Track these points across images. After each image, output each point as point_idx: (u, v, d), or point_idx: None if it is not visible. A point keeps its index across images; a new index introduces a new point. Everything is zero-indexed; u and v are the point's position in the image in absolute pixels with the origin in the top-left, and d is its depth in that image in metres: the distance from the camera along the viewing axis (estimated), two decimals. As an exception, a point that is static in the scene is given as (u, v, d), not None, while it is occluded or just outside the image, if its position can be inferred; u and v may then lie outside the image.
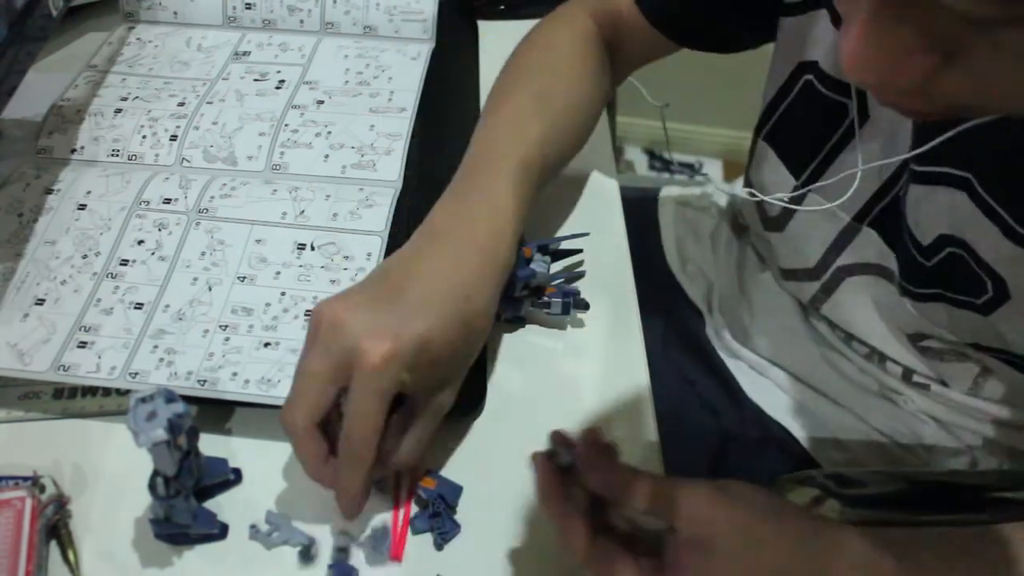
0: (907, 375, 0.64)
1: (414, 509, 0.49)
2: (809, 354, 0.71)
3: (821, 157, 0.60)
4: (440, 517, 0.48)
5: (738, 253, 0.80)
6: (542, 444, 0.52)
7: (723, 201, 0.86)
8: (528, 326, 0.58)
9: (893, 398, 0.67)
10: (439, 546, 0.47)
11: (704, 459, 0.70)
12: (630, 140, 1.96)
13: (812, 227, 0.63)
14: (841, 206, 0.58)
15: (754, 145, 0.68)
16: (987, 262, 0.50)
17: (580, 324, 0.58)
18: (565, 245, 0.59)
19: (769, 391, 0.73)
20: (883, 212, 0.59)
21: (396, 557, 0.47)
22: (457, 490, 0.49)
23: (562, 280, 0.58)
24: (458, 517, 0.48)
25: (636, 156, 1.98)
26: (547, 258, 0.57)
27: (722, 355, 0.77)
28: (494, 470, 0.51)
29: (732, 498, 0.41)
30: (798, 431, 0.71)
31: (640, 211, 0.88)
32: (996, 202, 0.48)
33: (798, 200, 0.61)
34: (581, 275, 0.60)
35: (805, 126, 0.61)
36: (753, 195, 0.62)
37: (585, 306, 0.57)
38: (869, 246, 0.60)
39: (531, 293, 0.56)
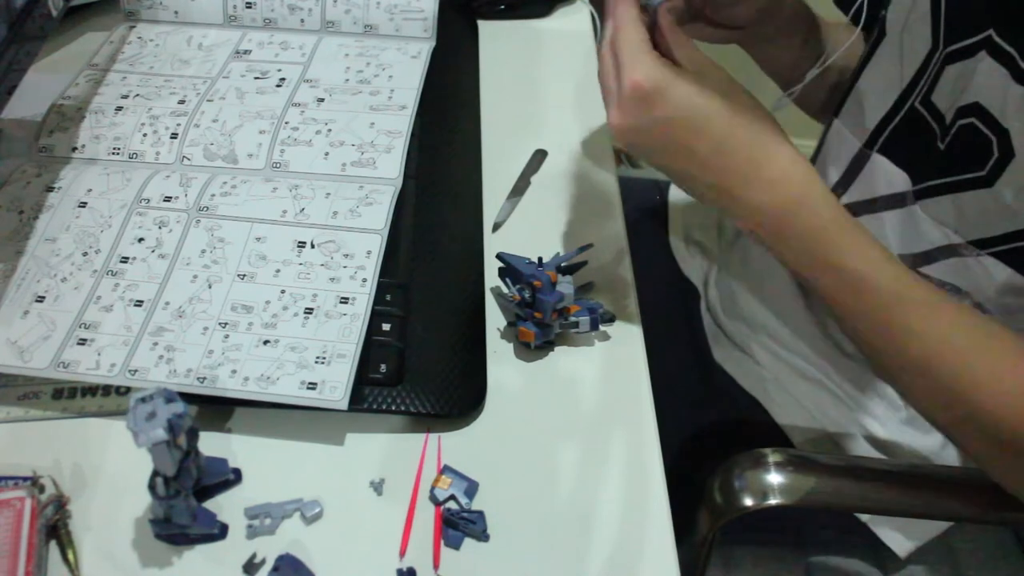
0: None
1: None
2: (800, 323, 0.72)
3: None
4: (463, 521, 0.48)
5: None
6: (542, 444, 0.52)
7: None
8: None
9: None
10: (484, 539, 0.48)
11: (687, 438, 0.72)
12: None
13: (827, 152, 0.66)
14: (851, 127, 0.62)
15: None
16: (995, 117, 0.51)
17: (606, 337, 0.58)
18: (575, 258, 0.59)
19: (745, 364, 0.75)
20: (895, 132, 0.61)
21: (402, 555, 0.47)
22: (473, 486, 0.49)
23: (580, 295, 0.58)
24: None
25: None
26: (569, 278, 0.57)
27: (709, 334, 0.79)
28: (494, 470, 0.51)
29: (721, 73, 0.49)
30: (774, 409, 0.72)
31: (651, 197, 0.90)
32: (1008, 43, 0.50)
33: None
34: (591, 286, 0.60)
35: None
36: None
37: (611, 319, 0.57)
38: (877, 174, 0.62)
39: (559, 316, 0.55)
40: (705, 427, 0.74)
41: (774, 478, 0.56)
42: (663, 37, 0.50)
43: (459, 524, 0.48)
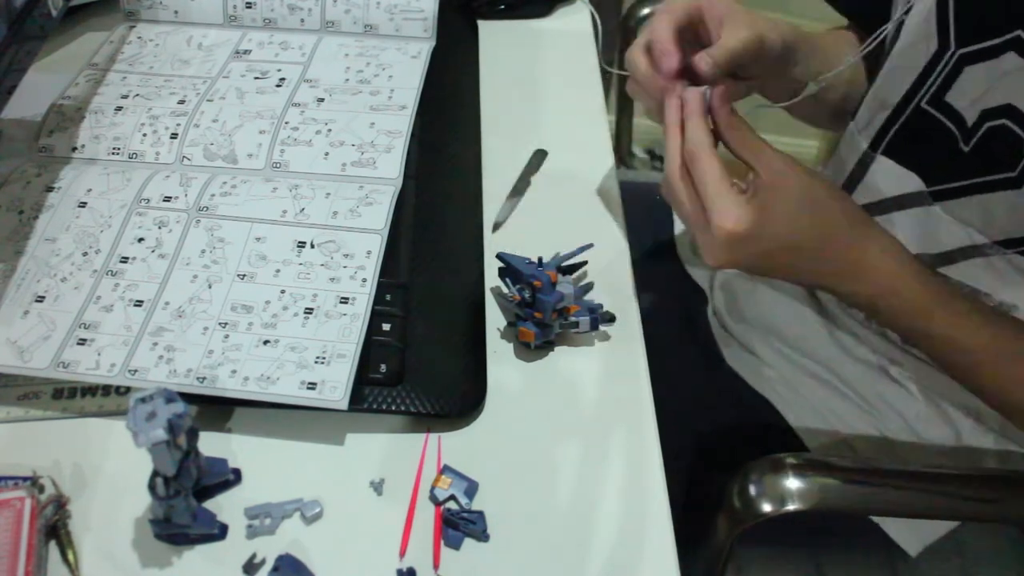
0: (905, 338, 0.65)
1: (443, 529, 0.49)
2: (809, 325, 0.72)
3: None
4: (463, 521, 0.48)
5: None
6: (542, 444, 0.52)
7: None
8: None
9: (887, 368, 0.68)
10: (484, 539, 0.48)
11: (695, 441, 0.72)
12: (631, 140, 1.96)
13: (838, 155, 0.67)
14: (861, 130, 0.64)
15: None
16: None
17: (606, 337, 0.58)
18: (575, 258, 0.59)
19: (758, 369, 0.75)
20: (898, 134, 0.61)
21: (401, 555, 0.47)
22: (473, 486, 0.49)
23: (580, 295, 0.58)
24: (459, 516, 0.48)
25: (641, 155, 1.98)
26: (569, 278, 0.56)
27: (717, 336, 0.79)
28: (494, 470, 0.51)
29: (805, 168, 0.52)
30: (785, 411, 0.72)
31: (650, 198, 0.90)
32: None
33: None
34: (590, 286, 0.60)
35: None
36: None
37: (612, 319, 0.57)
38: (882, 176, 0.62)
39: (559, 316, 0.55)
40: (715, 430, 0.73)
41: (792, 483, 0.55)
42: (727, 133, 0.53)
43: (459, 524, 0.48)
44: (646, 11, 1.02)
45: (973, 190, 0.56)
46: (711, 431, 0.73)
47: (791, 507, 0.54)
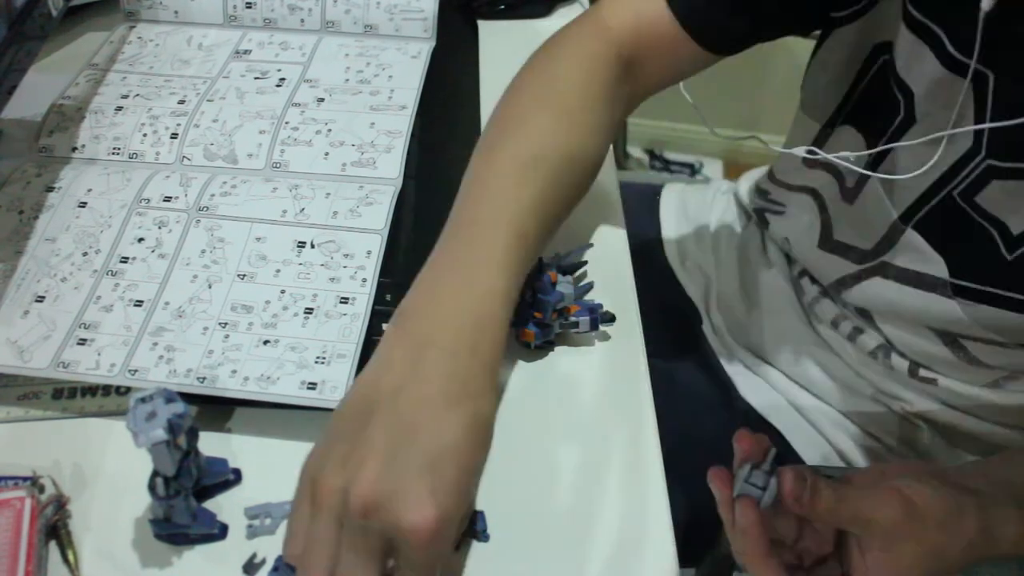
0: (913, 370, 0.64)
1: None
2: (806, 355, 0.71)
3: (888, 136, 0.59)
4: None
5: (739, 252, 0.80)
6: (542, 444, 0.52)
7: (743, 193, 0.85)
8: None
9: (887, 402, 0.67)
10: (484, 539, 0.47)
11: (698, 457, 0.71)
12: (631, 140, 1.96)
13: (878, 204, 0.61)
14: (886, 189, 0.59)
15: (828, 130, 0.66)
16: None
17: (606, 337, 0.58)
18: (575, 258, 0.59)
19: (763, 391, 0.74)
20: (930, 214, 0.57)
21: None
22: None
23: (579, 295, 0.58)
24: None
25: (637, 155, 1.99)
26: (569, 278, 0.56)
27: (718, 354, 0.78)
28: (494, 470, 0.50)
29: (918, 513, 0.44)
30: (790, 431, 0.71)
31: (644, 206, 0.89)
32: None
33: (873, 166, 0.59)
34: (590, 287, 0.60)
35: (879, 107, 0.60)
36: (813, 152, 0.59)
37: (612, 319, 0.57)
38: (911, 250, 0.59)
39: (559, 316, 0.55)
40: (716, 434, 0.73)
41: None
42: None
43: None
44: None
45: (1010, 305, 0.54)
46: (712, 435, 0.73)
47: None
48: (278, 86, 0.69)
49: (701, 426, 0.71)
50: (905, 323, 0.62)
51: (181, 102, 0.67)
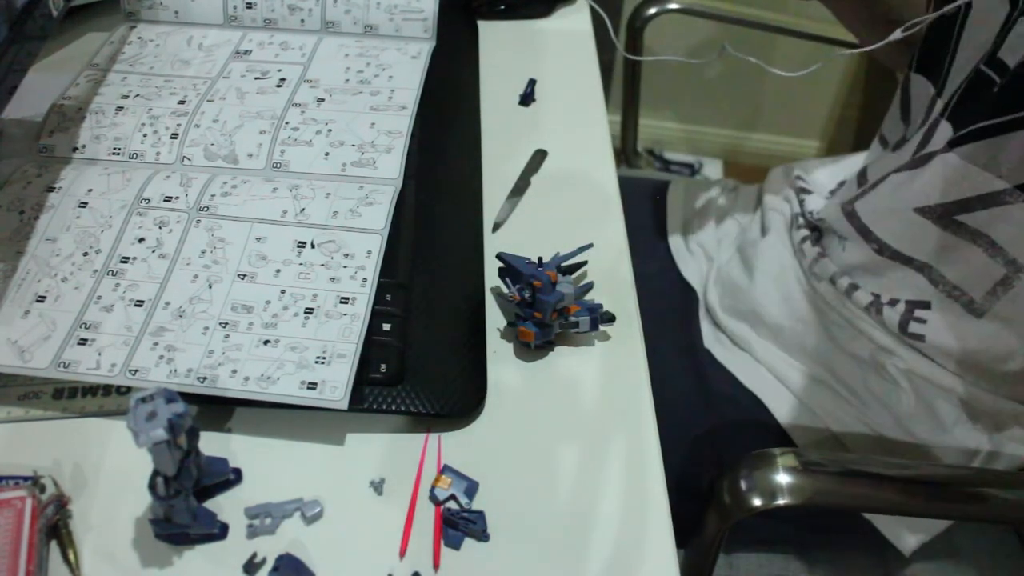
0: (904, 324, 0.65)
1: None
2: (803, 317, 0.73)
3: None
4: (463, 521, 0.48)
5: (740, 229, 0.82)
6: (542, 444, 0.52)
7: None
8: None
9: (882, 360, 0.68)
10: (484, 539, 0.48)
11: (689, 440, 0.72)
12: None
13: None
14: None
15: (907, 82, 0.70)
16: None
17: (606, 337, 0.58)
18: (575, 258, 0.59)
19: (749, 365, 0.75)
20: (957, 99, 0.60)
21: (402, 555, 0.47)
22: (473, 486, 0.49)
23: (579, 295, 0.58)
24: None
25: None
26: (569, 278, 0.56)
27: (708, 334, 0.79)
28: (494, 470, 0.51)
29: None
30: (775, 408, 0.73)
31: (651, 199, 0.90)
32: None
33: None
34: (590, 287, 0.60)
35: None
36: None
37: (611, 319, 0.57)
38: (939, 136, 0.61)
39: (559, 316, 0.55)
40: (707, 428, 0.74)
41: (783, 478, 0.56)
42: None
43: (459, 524, 0.48)
44: (652, 11, 1.02)
45: (995, 131, 0.56)
46: (702, 429, 0.74)
47: (781, 502, 0.55)
48: (278, 86, 0.69)
49: (681, 409, 0.72)
50: (900, 215, 0.64)
51: (181, 102, 0.67)
